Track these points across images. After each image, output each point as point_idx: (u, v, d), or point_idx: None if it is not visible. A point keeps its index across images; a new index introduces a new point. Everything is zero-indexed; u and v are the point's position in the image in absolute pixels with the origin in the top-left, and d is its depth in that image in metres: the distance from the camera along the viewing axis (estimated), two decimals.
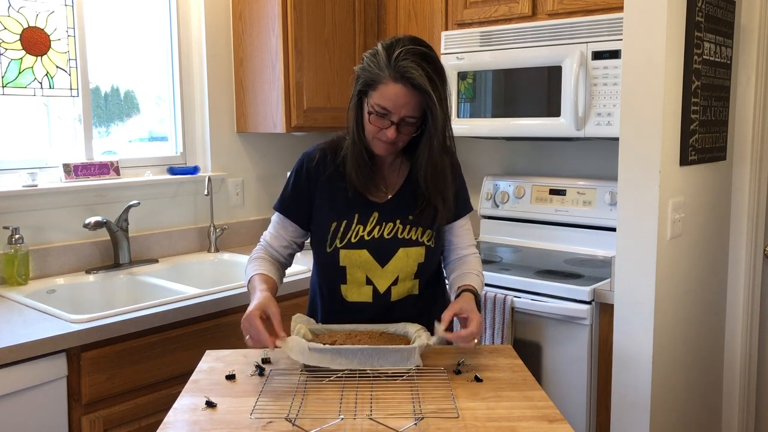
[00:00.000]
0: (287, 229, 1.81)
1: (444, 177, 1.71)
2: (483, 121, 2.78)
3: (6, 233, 2.36)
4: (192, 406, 1.41)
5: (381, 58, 1.59)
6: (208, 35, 3.00)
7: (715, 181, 2.46)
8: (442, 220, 1.76)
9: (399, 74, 1.56)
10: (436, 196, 1.71)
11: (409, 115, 1.61)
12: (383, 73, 1.58)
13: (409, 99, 1.58)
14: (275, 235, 1.83)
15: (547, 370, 2.41)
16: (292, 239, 1.83)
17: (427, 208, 1.73)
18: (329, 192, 1.75)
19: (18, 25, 2.46)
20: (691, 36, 2.13)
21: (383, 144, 1.66)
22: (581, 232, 2.88)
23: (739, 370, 2.64)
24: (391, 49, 1.58)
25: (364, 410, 1.35)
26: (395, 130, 1.62)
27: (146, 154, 2.92)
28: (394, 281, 1.74)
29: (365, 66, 1.63)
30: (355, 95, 1.67)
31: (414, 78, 1.55)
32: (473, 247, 1.88)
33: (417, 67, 1.55)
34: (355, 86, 1.66)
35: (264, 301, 1.58)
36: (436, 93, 1.57)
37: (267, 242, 1.84)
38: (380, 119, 1.62)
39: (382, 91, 1.59)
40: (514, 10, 2.71)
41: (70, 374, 1.93)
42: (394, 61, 1.56)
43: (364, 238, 1.72)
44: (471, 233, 1.89)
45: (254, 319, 1.53)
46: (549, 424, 1.32)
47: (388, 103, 1.59)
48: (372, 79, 1.60)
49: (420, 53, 1.58)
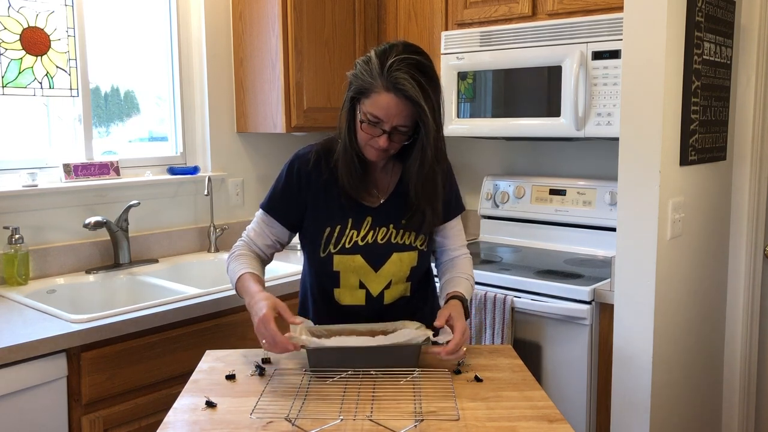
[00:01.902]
0: (272, 229, 1.79)
1: (434, 186, 1.69)
2: (483, 121, 2.78)
3: (6, 233, 2.36)
4: (192, 406, 1.41)
5: (374, 66, 1.56)
6: (208, 35, 3.00)
7: (715, 181, 2.46)
8: (429, 226, 1.75)
9: (391, 84, 1.54)
10: (426, 204, 1.70)
11: (401, 124, 1.59)
12: (375, 82, 1.56)
13: (402, 109, 1.56)
14: (259, 232, 1.80)
15: (547, 370, 2.42)
16: (277, 239, 1.81)
17: (416, 214, 1.72)
18: (324, 197, 1.74)
19: (18, 25, 2.46)
20: (691, 36, 2.13)
21: (375, 151, 1.65)
22: (581, 232, 2.88)
23: (739, 370, 2.64)
24: (384, 58, 1.55)
25: (365, 410, 1.36)
26: (387, 138, 1.60)
27: (146, 154, 2.92)
28: (387, 285, 1.74)
29: (358, 73, 1.61)
30: (348, 101, 1.65)
31: (406, 90, 1.53)
32: (464, 248, 1.87)
33: (410, 78, 1.53)
34: (348, 92, 1.65)
35: (272, 301, 1.57)
36: (428, 104, 1.55)
37: (250, 239, 1.81)
38: (372, 127, 1.60)
39: (375, 100, 1.57)
40: (514, 10, 2.71)
41: (70, 374, 1.93)
42: (387, 70, 1.54)
43: (358, 244, 1.71)
44: (462, 234, 1.88)
45: (269, 323, 1.51)
46: (549, 424, 1.32)
47: (380, 113, 1.57)
48: (364, 87, 1.58)
49: (414, 63, 1.55)
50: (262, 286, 1.67)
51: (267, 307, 1.54)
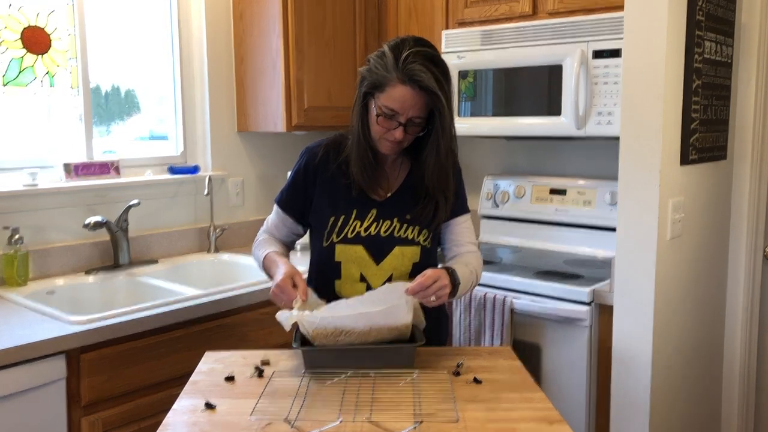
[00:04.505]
0: (285, 222, 1.87)
1: (448, 175, 1.74)
2: (483, 120, 2.77)
3: (6, 233, 2.36)
4: (191, 407, 1.41)
5: (388, 60, 1.61)
6: (208, 34, 3.00)
7: (716, 181, 2.46)
8: (442, 216, 1.77)
9: (407, 77, 1.59)
10: (440, 193, 1.74)
11: (417, 116, 1.64)
12: (391, 75, 1.60)
13: (417, 101, 1.61)
14: (277, 224, 1.89)
15: (546, 372, 2.41)
16: (291, 231, 1.89)
17: (428, 204, 1.75)
18: (330, 188, 1.78)
19: (19, 24, 2.46)
20: (691, 35, 2.13)
21: (390, 144, 1.69)
22: (581, 232, 2.88)
23: (739, 370, 2.63)
24: (398, 51, 1.60)
25: (364, 412, 1.35)
26: (403, 131, 1.65)
27: (147, 153, 2.92)
28: (388, 279, 1.75)
29: (372, 68, 1.65)
30: (360, 96, 1.69)
31: (423, 80, 1.58)
32: (472, 245, 1.86)
33: (425, 70, 1.58)
34: (360, 87, 1.69)
35: (292, 270, 1.64)
36: (443, 94, 1.61)
37: (269, 229, 1.91)
38: (388, 120, 1.64)
39: (390, 93, 1.62)
40: (514, 9, 2.70)
41: (69, 376, 1.93)
42: (402, 63, 1.59)
43: (361, 234, 1.74)
44: (471, 232, 1.88)
45: (286, 286, 1.59)
46: (549, 426, 1.32)
47: (396, 105, 1.62)
48: (379, 81, 1.63)
49: (427, 55, 1.60)
50: (287, 259, 1.74)
51: (284, 274, 1.62)
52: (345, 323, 1.53)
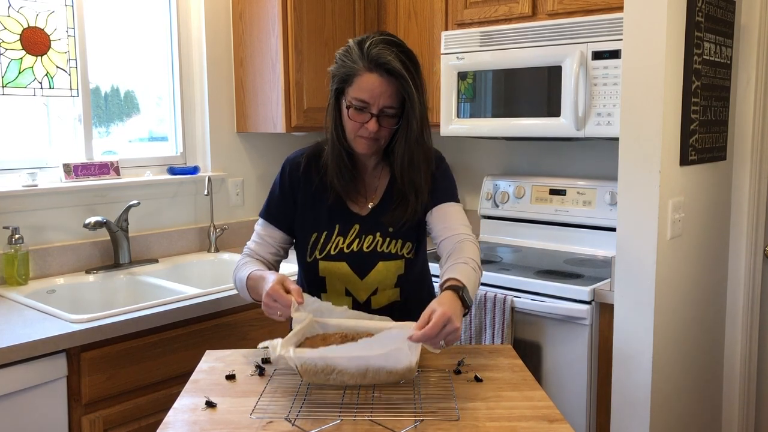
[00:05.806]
0: (274, 237, 1.78)
1: (418, 169, 1.67)
2: (483, 121, 2.78)
3: (6, 233, 2.36)
4: (192, 406, 1.41)
5: (353, 51, 1.60)
6: (208, 35, 3.00)
7: (716, 181, 2.46)
8: (412, 214, 1.70)
9: (373, 63, 1.57)
10: (410, 188, 1.69)
11: (388, 105, 1.61)
12: (357, 65, 1.59)
13: (386, 87, 1.59)
14: (261, 243, 1.78)
15: (547, 370, 2.41)
16: (279, 246, 1.80)
17: (401, 203, 1.70)
18: (312, 203, 1.74)
19: (18, 25, 2.46)
20: (691, 36, 2.13)
21: (365, 141, 1.64)
22: (581, 232, 2.88)
23: (739, 370, 2.64)
24: (362, 42, 1.60)
25: (365, 411, 1.35)
26: (376, 122, 1.61)
27: (146, 154, 2.92)
28: (373, 292, 1.74)
29: (339, 63, 1.64)
30: (332, 95, 1.66)
31: (389, 63, 1.56)
32: (466, 227, 1.71)
33: (389, 53, 1.56)
34: (331, 86, 1.66)
35: (280, 276, 1.55)
36: (411, 78, 1.58)
37: (252, 251, 1.79)
38: (359, 113, 1.61)
39: (359, 84, 1.59)
40: (514, 10, 2.71)
41: (70, 374, 1.93)
42: (367, 50, 1.58)
43: (344, 251, 1.71)
44: (460, 218, 1.73)
45: (278, 291, 1.50)
46: (549, 424, 1.32)
47: (366, 95, 1.59)
48: (347, 74, 1.61)
49: (391, 41, 1.60)
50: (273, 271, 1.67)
51: (275, 281, 1.53)
52: (336, 363, 1.40)
